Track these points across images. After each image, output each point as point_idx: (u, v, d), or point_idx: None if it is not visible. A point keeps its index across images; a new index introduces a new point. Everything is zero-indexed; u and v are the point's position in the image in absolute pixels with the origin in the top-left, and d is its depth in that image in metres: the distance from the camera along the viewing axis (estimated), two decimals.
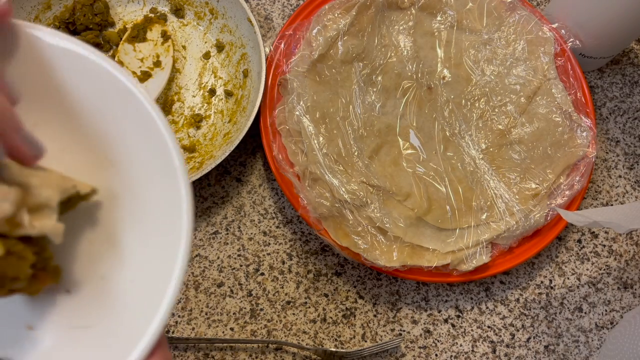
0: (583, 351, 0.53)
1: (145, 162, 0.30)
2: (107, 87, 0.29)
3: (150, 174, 0.29)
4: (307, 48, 0.55)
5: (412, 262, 0.50)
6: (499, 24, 0.59)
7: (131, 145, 0.30)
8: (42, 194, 0.26)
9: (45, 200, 0.26)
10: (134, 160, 0.30)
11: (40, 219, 0.26)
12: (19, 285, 0.26)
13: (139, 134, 0.29)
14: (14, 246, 0.25)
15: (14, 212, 0.25)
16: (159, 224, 0.29)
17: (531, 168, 0.55)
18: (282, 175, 0.52)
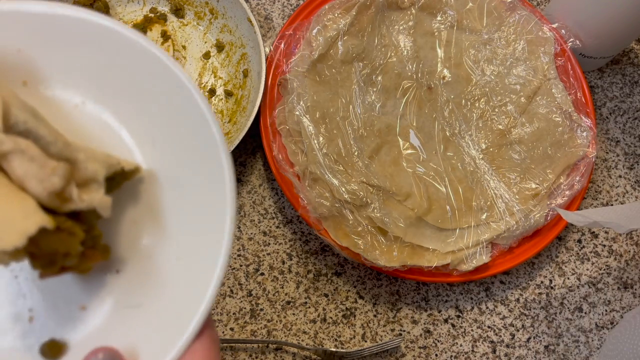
0: (583, 351, 0.53)
1: (185, 140, 0.30)
2: (145, 64, 0.30)
3: (190, 151, 0.30)
4: (307, 48, 0.55)
5: (412, 262, 0.50)
6: (499, 24, 0.59)
7: (170, 123, 0.30)
8: (89, 168, 0.27)
9: (92, 174, 0.27)
10: (173, 138, 0.30)
11: (88, 192, 0.27)
12: (70, 262, 0.26)
13: (177, 111, 0.30)
14: (64, 222, 0.26)
15: (63, 186, 0.25)
16: (203, 201, 0.29)
17: (531, 168, 0.55)
18: (282, 175, 0.52)
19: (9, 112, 0.26)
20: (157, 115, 0.30)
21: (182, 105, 0.30)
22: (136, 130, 0.31)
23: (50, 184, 0.25)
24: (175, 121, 0.30)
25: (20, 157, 0.25)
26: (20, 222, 0.24)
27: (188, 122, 0.30)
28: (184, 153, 0.30)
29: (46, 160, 0.25)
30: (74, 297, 0.29)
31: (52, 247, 0.25)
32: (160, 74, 0.30)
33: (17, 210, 0.24)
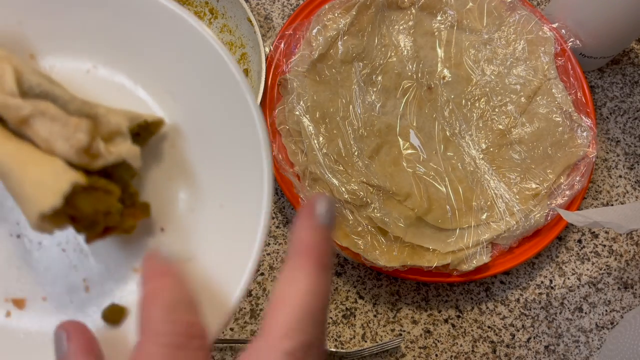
0: (583, 351, 0.53)
1: (207, 90, 0.29)
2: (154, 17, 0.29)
3: (214, 101, 0.29)
4: (307, 48, 0.55)
5: (412, 262, 0.50)
6: (499, 24, 0.59)
7: (189, 76, 0.29)
8: (112, 121, 0.26)
9: (115, 126, 0.26)
10: (194, 90, 0.30)
11: (114, 145, 0.26)
12: (112, 222, 0.26)
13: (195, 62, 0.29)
14: (98, 181, 0.25)
15: (89, 141, 0.25)
16: (235, 147, 0.29)
17: (531, 168, 0.54)
18: (282, 175, 0.52)
19: (21, 78, 0.26)
20: (172, 68, 0.30)
21: (199, 54, 0.29)
22: (153, 87, 0.30)
23: (76, 141, 0.25)
24: (193, 72, 0.29)
25: (42, 119, 0.25)
26: (53, 182, 0.23)
27: (207, 71, 0.29)
28: (208, 104, 0.29)
29: (68, 118, 0.25)
30: (125, 259, 0.29)
31: (91, 207, 0.25)
32: (172, 25, 0.29)
33: (48, 171, 0.24)
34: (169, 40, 0.29)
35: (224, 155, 0.29)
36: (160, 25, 0.29)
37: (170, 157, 0.30)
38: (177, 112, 0.30)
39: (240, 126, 0.29)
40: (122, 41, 0.30)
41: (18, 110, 0.25)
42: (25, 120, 0.25)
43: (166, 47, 0.29)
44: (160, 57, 0.30)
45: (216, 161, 0.29)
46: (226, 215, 0.29)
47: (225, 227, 0.29)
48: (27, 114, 0.25)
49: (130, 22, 0.29)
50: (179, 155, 0.30)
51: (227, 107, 0.29)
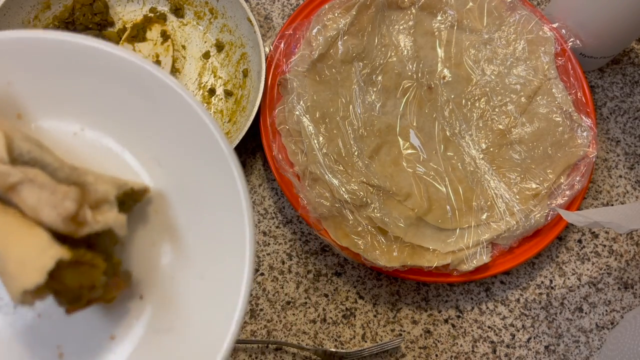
0: (583, 351, 0.53)
1: (191, 156, 0.29)
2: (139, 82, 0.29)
3: (198, 167, 0.29)
4: (307, 48, 0.55)
5: (412, 262, 0.50)
6: (499, 24, 0.59)
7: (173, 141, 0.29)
8: (99, 189, 0.27)
9: (103, 195, 0.27)
10: (178, 155, 0.30)
11: (101, 213, 0.26)
12: (96, 294, 0.26)
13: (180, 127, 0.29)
14: (84, 255, 0.25)
15: (76, 209, 0.25)
16: (218, 215, 0.29)
17: (531, 168, 0.54)
18: (282, 175, 0.52)
19: (12, 144, 0.25)
20: (158, 133, 0.30)
21: (184, 121, 0.29)
22: (139, 151, 0.30)
23: (63, 209, 0.24)
24: (178, 138, 0.29)
25: (30, 186, 0.25)
26: (37, 258, 0.23)
27: (192, 137, 0.29)
28: (193, 171, 0.29)
29: (56, 185, 0.25)
30: (102, 327, 0.28)
31: (76, 282, 0.25)
32: (156, 91, 0.29)
33: (32, 246, 0.24)
34: (156, 107, 0.29)
35: (207, 224, 0.29)
36: (148, 92, 0.29)
37: (153, 222, 0.30)
38: (162, 177, 0.30)
39: (223, 196, 0.28)
40: (111, 106, 0.30)
41: (7, 177, 0.24)
42: (13, 187, 0.25)
43: (153, 113, 0.29)
44: (147, 122, 0.30)
45: (199, 229, 0.29)
46: (206, 287, 0.28)
47: (205, 299, 0.28)
48: (16, 181, 0.24)
49: (119, 89, 0.29)
50: (162, 221, 0.30)
51: (211, 175, 0.29)
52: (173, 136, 0.29)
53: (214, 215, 0.29)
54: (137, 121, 0.30)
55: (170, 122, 0.29)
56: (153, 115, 0.30)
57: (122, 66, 0.29)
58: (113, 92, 0.29)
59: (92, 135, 0.30)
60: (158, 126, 0.30)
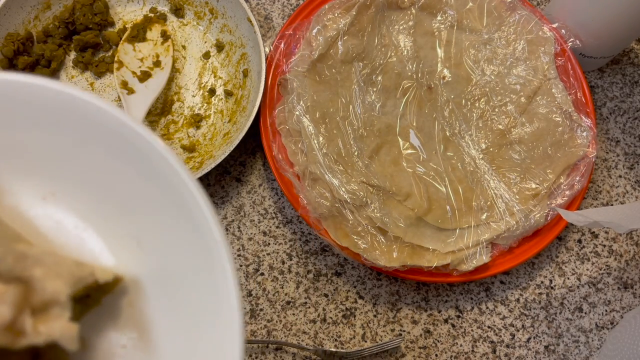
0: (583, 351, 0.53)
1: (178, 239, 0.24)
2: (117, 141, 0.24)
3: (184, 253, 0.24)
4: (307, 48, 0.55)
5: (412, 262, 0.50)
6: (499, 24, 0.59)
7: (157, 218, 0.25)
8: (47, 287, 0.21)
9: (51, 295, 0.21)
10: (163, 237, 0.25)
11: (47, 320, 0.21)
12: None
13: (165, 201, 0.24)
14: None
15: (14, 315, 0.20)
16: (204, 316, 0.24)
17: (531, 168, 0.54)
18: (282, 175, 0.52)
19: None
20: (139, 209, 0.25)
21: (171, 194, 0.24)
22: (114, 231, 0.25)
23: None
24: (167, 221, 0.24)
25: None
26: None
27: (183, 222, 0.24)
28: (177, 256, 0.24)
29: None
30: None
31: None
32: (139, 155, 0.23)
33: None
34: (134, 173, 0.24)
35: (192, 331, 0.24)
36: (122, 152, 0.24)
37: (126, 319, 0.25)
38: (141, 263, 0.25)
39: (210, 292, 0.23)
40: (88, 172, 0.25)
41: None
42: None
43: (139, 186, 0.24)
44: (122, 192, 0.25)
45: (181, 336, 0.24)
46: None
47: None
48: None
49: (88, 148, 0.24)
50: (137, 318, 0.25)
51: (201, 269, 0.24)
52: (159, 215, 0.24)
53: (199, 315, 0.24)
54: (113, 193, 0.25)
55: (154, 196, 0.24)
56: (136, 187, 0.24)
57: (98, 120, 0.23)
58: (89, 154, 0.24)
59: (59, 206, 0.25)
60: (143, 202, 0.25)
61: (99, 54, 0.59)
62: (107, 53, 0.59)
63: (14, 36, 0.54)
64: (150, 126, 0.56)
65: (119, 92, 0.55)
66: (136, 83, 0.56)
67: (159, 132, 0.56)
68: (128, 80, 0.56)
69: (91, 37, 0.57)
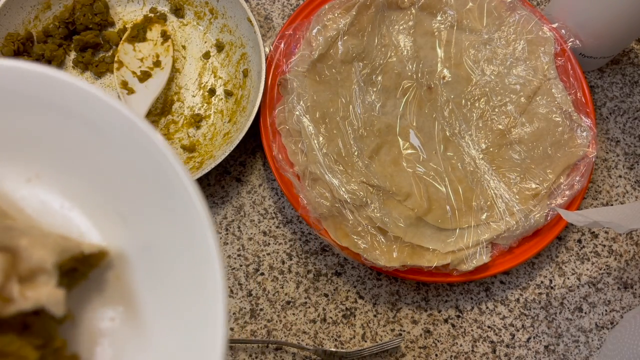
0: (583, 351, 0.53)
1: (162, 214, 0.25)
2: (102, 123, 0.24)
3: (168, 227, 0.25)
4: (307, 48, 0.55)
5: (412, 262, 0.50)
6: (499, 24, 0.59)
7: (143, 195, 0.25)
8: (34, 255, 0.22)
9: (38, 263, 0.22)
10: (147, 212, 0.25)
11: (34, 287, 0.22)
12: None
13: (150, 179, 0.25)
14: (9, 344, 0.21)
15: (1, 283, 0.21)
16: (188, 292, 0.24)
17: (531, 168, 0.54)
18: (282, 175, 0.52)
19: None
20: (122, 186, 0.25)
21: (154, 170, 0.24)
22: (99, 209, 0.26)
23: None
24: (149, 195, 0.25)
25: None
26: None
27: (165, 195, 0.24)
28: (162, 230, 0.25)
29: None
30: None
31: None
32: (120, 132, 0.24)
33: None
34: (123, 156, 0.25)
35: (177, 301, 0.25)
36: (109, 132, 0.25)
37: (113, 292, 0.25)
38: (126, 237, 0.25)
39: (197, 270, 0.24)
40: (71, 152, 0.25)
41: None
42: None
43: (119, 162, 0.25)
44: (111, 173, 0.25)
45: (167, 306, 0.25)
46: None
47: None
48: None
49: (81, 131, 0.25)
50: (124, 290, 0.25)
51: (184, 239, 0.24)
52: (141, 190, 0.25)
53: (184, 287, 0.24)
54: (100, 170, 0.25)
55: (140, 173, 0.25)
56: (117, 164, 0.25)
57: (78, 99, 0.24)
58: (71, 134, 0.25)
59: (44, 186, 0.25)
60: (125, 177, 0.25)
61: (99, 54, 0.59)
62: (107, 53, 0.59)
63: (14, 36, 0.54)
64: None
65: (119, 92, 0.55)
66: (136, 83, 0.56)
67: (159, 132, 0.56)
68: (128, 80, 0.56)
69: (91, 37, 0.57)
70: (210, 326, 0.23)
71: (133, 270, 0.25)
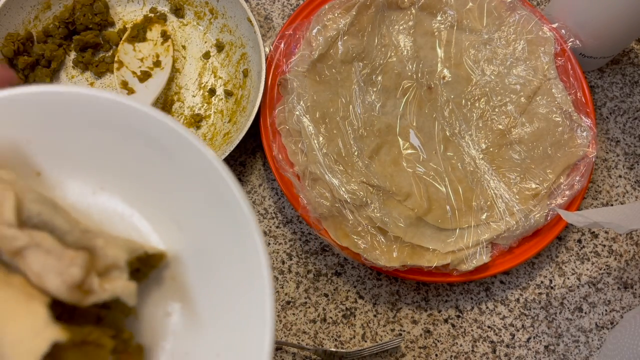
0: (583, 351, 0.53)
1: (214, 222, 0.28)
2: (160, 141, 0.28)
3: (220, 234, 0.28)
4: (307, 48, 0.55)
5: (412, 262, 0.50)
6: (499, 24, 0.59)
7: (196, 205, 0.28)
8: (109, 254, 0.25)
9: (112, 260, 0.25)
10: (200, 221, 0.28)
11: (110, 281, 0.25)
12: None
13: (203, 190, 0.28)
14: (89, 334, 0.24)
15: (83, 276, 0.24)
16: (238, 288, 0.27)
17: (531, 168, 0.54)
18: (282, 175, 0.52)
19: (22, 206, 0.24)
20: (181, 197, 0.28)
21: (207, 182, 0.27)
22: (158, 215, 0.29)
23: (69, 276, 0.23)
24: (199, 200, 0.28)
25: (36, 251, 0.23)
26: (31, 340, 0.22)
27: (214, 199, 0.27)
28: (213, 235, 0.28)
29: (63, 250, 0.24)
30: None
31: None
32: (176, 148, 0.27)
33: (27, 326, 0.22)
34: (175, 166, 0.28)
35: (228, 298, 0.28)
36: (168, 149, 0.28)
37: (168, 290, 0.28)
38: (181, 241, 0.28)
39: (244, 267, 0.27)
40: (127, 166, 0.29)
41: (13, 241, 0.24)
42: (19, 252, 0.24)
43: (173, 172, 0.28)
44: (167, 183, 0.28)
45: (219, 303, 0.28)
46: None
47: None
48: (22, 245, 0.24)
49: (136, 146, 0.28)
50: (178, 288, 0.28)
51: (234, 243, 0.27)
52: (194, 198, 0.28)
53: (234, 285, 0.27)
54: (156, 183, 0.29)
55: (192, 183, 0.28)
56: (173, 175, 0.28)
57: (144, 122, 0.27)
58: (133, 152, 0.28)
59: (108, 197, 0.29)
60: (179, 187, 0.28)
61: (99, 54, 0.59)
62: (107, 53, 0.59)
63: (14, 36, 0.54)
64: None
65: (119, 92, 0.55)
66: (136, 83, 0.56)
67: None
68: (128, 80, 0.56)
69: (91, 37, 0.57)
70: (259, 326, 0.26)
71: (187, 271, 0.28)
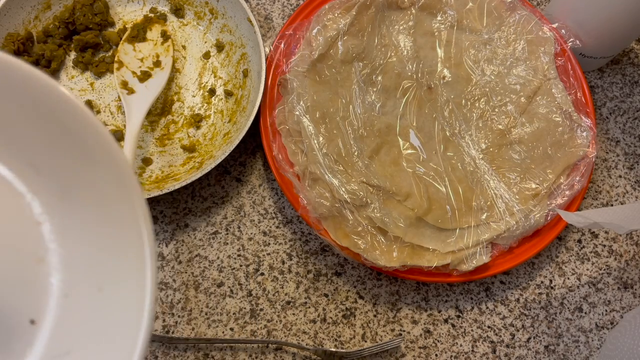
0: (583, 351, 0.53)
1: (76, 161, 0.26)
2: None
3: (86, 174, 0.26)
4: (307, 48, 0.55)
5: (412, 262, 0.50)
6: (499, 24, 0.59)
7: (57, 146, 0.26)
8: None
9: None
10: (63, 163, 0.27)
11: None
12: None
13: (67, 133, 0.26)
14: None
15: None
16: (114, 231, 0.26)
17: (531, 168, 0.54)
18: (282, 175, 0.52)
19: None
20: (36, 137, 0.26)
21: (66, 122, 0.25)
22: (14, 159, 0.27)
23: None
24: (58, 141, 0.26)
25: None
26: None
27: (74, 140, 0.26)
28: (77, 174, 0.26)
29: None
30: None
31: None
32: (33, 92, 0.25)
33: None
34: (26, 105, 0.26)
35: (101, 231, 0.26)
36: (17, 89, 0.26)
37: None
38: (42, 185, 0.27)
39: (116, 199, 0.25)
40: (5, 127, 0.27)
41: None
42: None
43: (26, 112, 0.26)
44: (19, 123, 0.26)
45: (91, 238, 0.26)
46: (106, 300, 0.26)
47: (105, 314, 0.25)
48: None
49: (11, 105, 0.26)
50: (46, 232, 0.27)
51: (100, 177, 0.26)
52: (51, 138, 0.26)
53: (109, 225, 0.26)
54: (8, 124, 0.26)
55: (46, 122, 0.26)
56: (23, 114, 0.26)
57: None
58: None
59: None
60: (33, 127, 0.26)
61: (99, 54, 0.59)
62: (107, 53, 0.59)
63: (14, 36, 0.54)
64: (151, 126, 0.56)
65: (119, 92, 0.55)
66: (136, 83, 0.56)
67: (159, 132, 0.56)
68: (128, 80, 0.56)
69: (91, 37, 0.57)
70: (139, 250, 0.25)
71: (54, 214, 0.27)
